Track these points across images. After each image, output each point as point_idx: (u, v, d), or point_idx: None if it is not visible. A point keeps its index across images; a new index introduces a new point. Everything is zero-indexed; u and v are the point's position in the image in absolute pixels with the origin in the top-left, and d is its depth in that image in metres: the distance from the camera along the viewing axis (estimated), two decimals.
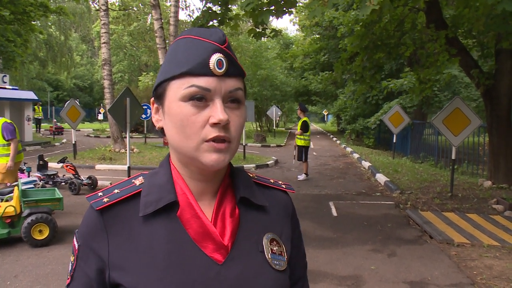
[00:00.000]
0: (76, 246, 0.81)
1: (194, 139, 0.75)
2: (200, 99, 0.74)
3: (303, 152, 10.35)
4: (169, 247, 0.76)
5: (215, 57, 0.74)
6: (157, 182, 0.81)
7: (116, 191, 0.81)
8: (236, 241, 0.79)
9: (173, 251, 0.76)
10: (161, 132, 0.83)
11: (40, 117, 24.53)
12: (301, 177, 10.46)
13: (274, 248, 0.83)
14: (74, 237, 0.83)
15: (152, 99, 0.84)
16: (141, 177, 0.85)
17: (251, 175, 0.92)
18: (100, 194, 0.81)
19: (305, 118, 10.24)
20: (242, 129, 0.80)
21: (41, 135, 23.89)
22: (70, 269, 0.82)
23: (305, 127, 10.14)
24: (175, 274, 0.74)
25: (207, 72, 0.73)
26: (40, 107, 24.64)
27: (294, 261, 0.92)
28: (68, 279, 0.82)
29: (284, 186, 0.95)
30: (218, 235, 0.78)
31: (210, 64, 0.73)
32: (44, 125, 33.61)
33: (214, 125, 0.74)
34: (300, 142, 10.34)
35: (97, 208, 0.78)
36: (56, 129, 24.14)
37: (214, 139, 0.74)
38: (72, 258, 0.82)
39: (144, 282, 0.74)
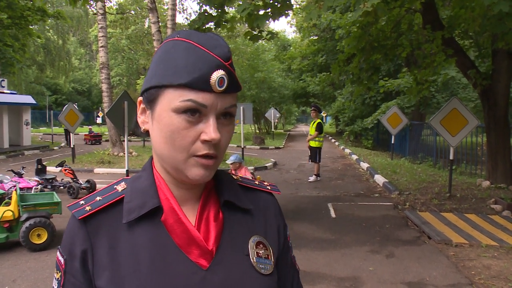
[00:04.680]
0: (62, 261, 0.78)
1: (183, 153, 0.73)
2: (195, 113, 0.72)
3: (317, 153, 10.36)
4: (153, 253, 0.74)
5: (217, 74, 0.70)
6: (140, 187, 0.80)
7: (98, 198, 0.79)
8: (220, 245, 0.78)
9: (157, 257, 0.74)
10: (146, 134, 0.81)
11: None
12: (312, 178, 10.47)
13: (260, 252, 0.82)
14: (58, 252, 0.80)
15: (140, 98, 0.80)
16: (123, 182, 0.83)
17: (235, 178, 0.90)
18: (82, 202, 0.79)
19: (319, 120, 10.29)
20: (229, 143, 0.78)
21: (39, 139, 23.80)
22: (56, 286, 0.79)
23: (320, 128, 10.17)
24: (159, 281, 0.73)
25: (207, 88, 0.70)
26: None
27: (281, 266, 0.89)
28: None
29: (269, 187, 0.93)
30: (203, 240, 0.77)
31: (211, 81, 0.70)
32: (43, 129, 33.62)
33: (205, 141, 0.72)
34: (314, 144, 10.33)
35: (80, 218, 0.76)
36: (93, 137, 21.18)
37: (203, 156, 0.73)
38: (58, 275, 0.79)
39: None
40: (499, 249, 5.19)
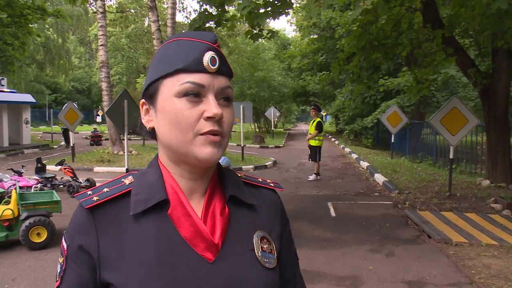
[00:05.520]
0: (65, 247, 0.80)
1: (189, 133, 0.76)
2: (195, 94, 0.76)
3: (317, 152, 10.34)
4: (159, 246, 0.76)
5: (208, 54, 0.76)
6: (147, 181, 0.82)
7: (105, 190, 0.81)
8: (226, 239, 0.80)
9: (164, 250, 0.76)
10: (151, 133, 0.84)
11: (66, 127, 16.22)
12: (312, 177, 10.45)
13: (265, 246, 0.84)
14: (63, 238, 0.82)
15: (142, 100, 0.85)
16: (131, 176, 0.85)
17: (239, 175, 0.92)
18: (89, 192, 0.81)
19: (318, 119, 10.30)
20: (232, 126, 0.82)
21: (39, 137, 23.78)
22: (59, 270, 0.81)
23: (320, 127, 10.18)
24: (165, 273, 0.74)
25: (201, 69, 0.76)
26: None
27: (285, 260, 0.92)
28: (57, 281, 0.81)
29: (272, 184, 0.95)
30: (209, 234, 0.78)
31: (204, 61, 0.76)
32: (43, 127, 33.61)
33: (209, 119, 0.76)
34: (314, 143, 10.32)
35: (87, 207, 0.78)
36: (92, 138, 20.30)
37: (209, 133, 0.76)
38: (61, 259, 0.81)
39: (134, 281, 0.74)
40: (499, 248, 5.19)
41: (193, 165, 0.80)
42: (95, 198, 0.79)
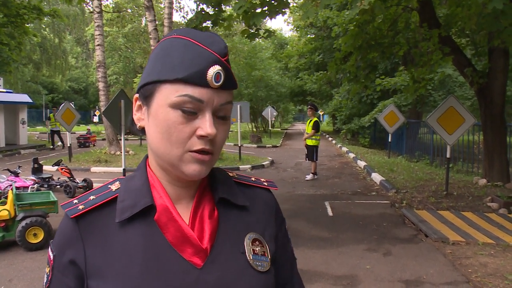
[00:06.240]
0: (51, 257, 0.78)
1: (179, 148, 0.73)
2: (191, 109, 0.72)
3: (314, 151, 10.35)
4: (146, 253, 0.74)
5: (214, 69, 0.71)
6: (133, 186, 0.79)
7: (91, 197, 0.78)
8: (215, 243, 0.77)
9: (151, 257, 0.74)
10: (142, 130, 0.81)
11: (57, 128, 17.87)
12: (309, 176, 10.45)
13: (257, 249, 0.81)
14: (49, 248, 0.80)
15: (136, 96, 0.80)
16: (118, 182, 0.82)
17: (231, 175, 0.90)
18: (75, 201, 0.79)
19: (315, 118, 10.31)
20: (224, 142, 0.79)
21: (36, 137, 23.70)
22: (45, 281, 0.79)
23: (317, 127, 10.19)
24: (152, 281, 0.72)
25: (203, 83, 0.71)
26: None
27: (281, 260, 0.89)
28: None
29: (266, 183, 0.92)
30: (196, 238, 0.76)
31: (207, 76, 0.71)
32: (40, 128, 33.50)
33: (201, 137, 0.73)
34: (311, 142, 10.34)
35: (72, 216, 0.76)
36: (79, 140, 19.36)
37: (199, 151, 0.73)
38: (47, 269, 0.79)
39: None
40: (496, 247, 5.20)
41: (179, 176, 0.77)
42: (80, 207, 0.76)
